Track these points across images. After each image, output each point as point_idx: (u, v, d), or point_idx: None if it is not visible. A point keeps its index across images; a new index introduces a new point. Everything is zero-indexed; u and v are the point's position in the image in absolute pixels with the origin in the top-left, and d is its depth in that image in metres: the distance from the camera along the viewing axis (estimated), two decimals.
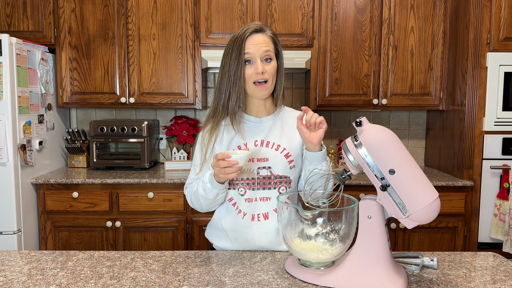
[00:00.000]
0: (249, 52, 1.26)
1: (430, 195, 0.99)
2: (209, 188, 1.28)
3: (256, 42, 1.27)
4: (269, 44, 1.29)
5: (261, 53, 1.27)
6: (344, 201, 1.18)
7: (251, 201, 1.34)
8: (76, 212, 2.54)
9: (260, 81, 1.29)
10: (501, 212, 2.45)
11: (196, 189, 1.35)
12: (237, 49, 1.26)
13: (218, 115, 1.35)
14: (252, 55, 1.27)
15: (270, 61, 1.30)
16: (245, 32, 1.27)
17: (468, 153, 2.52)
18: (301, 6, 2.73)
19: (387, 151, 1.00)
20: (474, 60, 2.48)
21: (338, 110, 3.14)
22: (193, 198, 1.37)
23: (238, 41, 1.27)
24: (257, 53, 1.27)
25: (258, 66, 1.27)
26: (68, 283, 1.06)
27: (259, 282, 1.07)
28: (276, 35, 1.35)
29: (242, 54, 1.26)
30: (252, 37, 1.28)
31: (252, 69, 1.28)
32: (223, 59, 1.32)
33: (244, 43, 1.26)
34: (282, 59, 1.36)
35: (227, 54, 1.30)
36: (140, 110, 3.15)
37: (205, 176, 1.30)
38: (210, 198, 1.30)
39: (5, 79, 2.29)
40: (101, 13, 2.74)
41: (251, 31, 1.28)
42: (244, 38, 1.27)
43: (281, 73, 1.36)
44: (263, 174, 1.33)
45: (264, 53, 1.28)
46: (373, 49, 2.77)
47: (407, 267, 1.13)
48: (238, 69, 1.26)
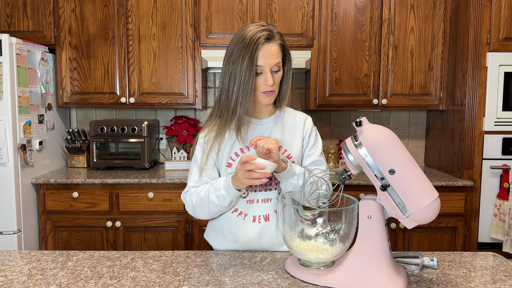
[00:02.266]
0: (260, 65, 1.25)
1: (430, 195, 0.99)
2: (224, 195, 1.23)
3: (267, 54, 1.25)
4: (279, 54, 1.28)
5: (271, 65, 1.26)
6: (344, 201, 1.18)
7: (252, 202, 1.34)
8: (76, 212, 2.54)
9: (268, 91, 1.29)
10: (501, 212, 2.45)
11: (204, 195, 1.29)
12: (249, 59, 1.23)
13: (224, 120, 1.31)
14: (263, 68, 1.26)
15: (278, 71, 1.30)
16: (258, 41, 1.24)
17: (468, 153, 2.52)
18: (301, 6, 2.73)
19: (387, 151, 1.01)
20: (474, 60, 2.48)
21: (338, 110, 3.14)
22: (198, 204, 1.31)
23: (249, 49, 1.23)
24: (268, 66, 1.26)
25: (268, 79, 1.26)
26: (68, 283, 1.06)
27: (259, 282, 1.07)
28: (284, 39, 1.32)
29: (254, 65, 1.24)
30: (264, 47, 1.25)
31: (262, 79, 1.27)
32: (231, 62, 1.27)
33: (256, 53, 1.24)
34: (290, 63, 1.35)
35: (237, 60, 1.25)
36: (140, 110, 3.15)
37: (219, 182, 1.26)
38: (224, 205, 1.26)
39: (5, 79, 2.29)
40: (101, 13, 2.74)
41: (263, 39, 1.24)
42: (256, 47, 1.24)
43: (288, 77, 1.35)
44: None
45: (275, 66, 1.27)
46: (373, 49, 2.77)
47: (407, 267, 1.13)
48: (250, 81, 1.24)
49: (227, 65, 1.28)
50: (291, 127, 1.39)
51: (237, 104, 1.26)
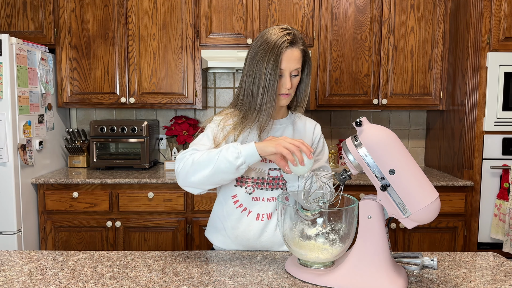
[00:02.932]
0: (282, 69, 1.29)
1: (430, 195, 0.99)
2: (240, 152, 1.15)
3: (290, 59, 1.28)
4: (300, 60, 1.31)
5: (291, 70, 1.29)
6: (344, 201, 1.18)
7: (257, 200, 1.36)
8: (76, 212, 2.54)
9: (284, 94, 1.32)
10: (501, 212, 2.45)
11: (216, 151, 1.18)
12: (273, 62, 1.26)
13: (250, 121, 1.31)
14: (284, 71, 1.29)
15: (296, 76, 1.32)
16: (282, 45, 1.27)
17: (468, 153, 2.52)
18: (301, 6, 2.73)
19: (387, 151, 1.01)
20: (474, 60, 2.48)
21: (338, 110, 3.14)
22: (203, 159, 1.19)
23: (274, 52, 1.26)
24: (288, 70, 1.29)
25: (287, 82, 1.29)
26: (68, 283, 1.06)
27: (259, 282, 1.07)
28: (306, 44, 1.35)
29: (278, 68, 1.27)
30: (287, 51, 1.28)
31: (281, 82, 1.30)
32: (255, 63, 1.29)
33: (280, 57, 1.27)
34: (310, 68, 1.37)
35: (261, 61, 1.28)
36: (140, 110, 3.15)
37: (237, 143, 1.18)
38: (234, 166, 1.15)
39: (5, 79, 2.29)
40: (101, 13, 2.74)
41: (287, 43, 1.27)
42: (281, 51, 1.27)
43: (308, 83, 1.39)
44: (273, 175, 1.36)
45: (295, 70, 1.31)
46: (373, 49, 2.77)
47: (407, 267, 1.14)
48: (275, 83, 1.28)
49: (251, 65, 1.31)
50: (301, 132, 1.44)
51: (263, 105, 1.29)
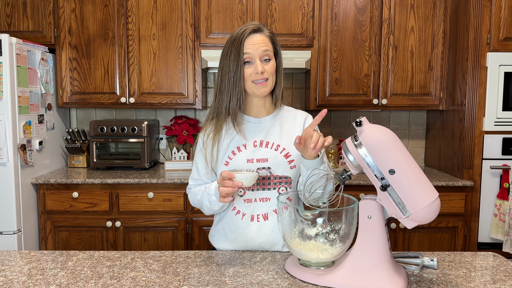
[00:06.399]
0: (248, 53, 1.26)
1: (430, 195, 0.99)
2: (215, 200, 1.30)
3: (255, 42, 1.27)
4: (268, 44, 1.29)
5: (260, 53, 1.27)
6: (344, 201, 1.18)
7: (250, 201, 1.34)
8: (76, 212, 2.54)
9: (260, 81, 1.29)
10: (501, 212, 2.45)
11: (200, 198, 1.37)
12: (235, 50, 1.26)
13: (221, 118, 1.33)
14: (251, 55, 1.27)
15: (269, 60, 1.29)
16: (244, 33, 1.27)
17: (468, 153, 2.52)
18: (301, 6, 2.73)
19: (387, 151, 1.00)
20: (474, 60, 2.48)
21: (338, 110, 3.14)
22: (197, 204, 1.40)
23: (236, 42, 1.27)
24: (256, 53, 1.26)
25: (257, 66, 1.26)
26: (68, 283, 1.06)
27: (259, 282, 1.07)
28: (274, 35, 1.34)
29: (241, 55, 1.25)
30: (250, 37, 1.27)
31: (252, 69, 1.27)
32: (222, 61, 1.31)
33: (242, 43, 1.26)
34: (281, 58, 1.35)
35: (226, 55, 1.29)
36: (140, 110, 3.15)
37: (210, 188, 1.31)
38: (215, 209, 1.34)
39: (5, 79, 2.29)
40: (101, 13, 2.74)
41: (249, 31, 1.27)
42: (242, 38, 1.26)
43: (280, 72, 1.36)
44: (262, 175, 1.33)
45: (263, 53, 1.28)
46: (373, 49, 2.77)
47: (407, 267, 1.14)
48: (238, 70, 1.26)
49: (219, 64, 1.32)
50: (290, 125, 1.38)
51: (230, 96, 1.28)
